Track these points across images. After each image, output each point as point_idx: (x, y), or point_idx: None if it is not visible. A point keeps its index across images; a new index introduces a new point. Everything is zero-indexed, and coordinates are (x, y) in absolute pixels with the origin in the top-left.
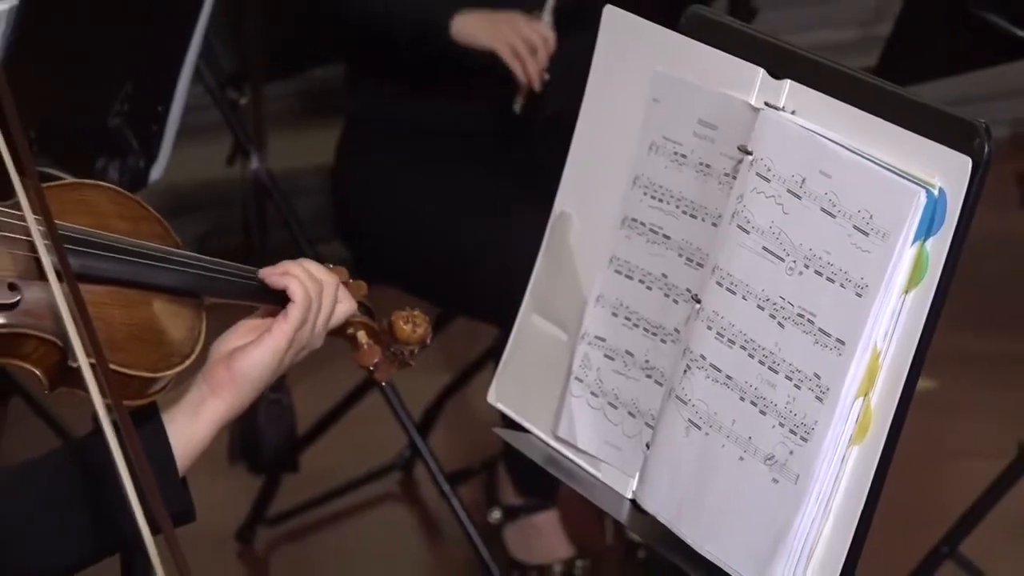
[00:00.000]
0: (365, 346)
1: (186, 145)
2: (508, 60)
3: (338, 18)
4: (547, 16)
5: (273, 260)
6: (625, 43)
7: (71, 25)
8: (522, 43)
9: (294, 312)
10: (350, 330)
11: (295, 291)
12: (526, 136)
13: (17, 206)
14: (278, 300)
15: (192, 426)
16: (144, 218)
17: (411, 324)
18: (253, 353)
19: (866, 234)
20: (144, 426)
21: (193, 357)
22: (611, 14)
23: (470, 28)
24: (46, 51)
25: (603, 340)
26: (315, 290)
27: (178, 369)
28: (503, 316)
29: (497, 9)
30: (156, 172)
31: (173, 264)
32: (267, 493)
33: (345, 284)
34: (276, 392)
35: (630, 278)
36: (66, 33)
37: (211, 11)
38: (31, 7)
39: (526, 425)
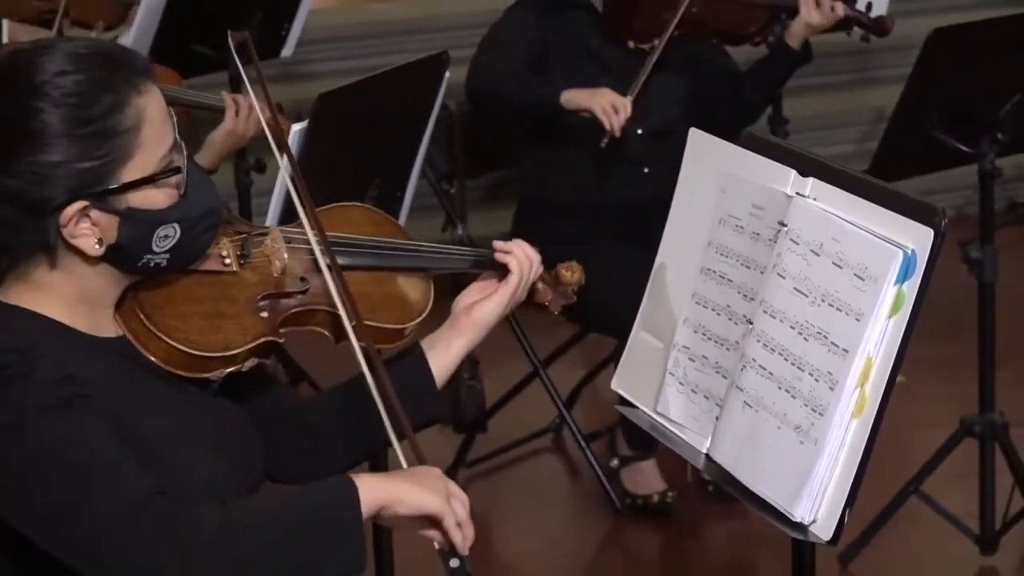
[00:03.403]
0: (541, 290)
1: (415, 218)
2: (599, 114)
3: (479, 94)
4: (630, 98)
5: None
6: (703, 153)
7: (341, 143)
8: (609, 105)
9: (512, 279)
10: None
11: (514, 265)
12: (636, 215)
13: (301, 226)
14: (495, 268)
15: (446, 355)
16: (384, 222)
17: (570, 271)
18: (486, 305)
19: (863, 279)
20: (410, 357)
21: (426, 312)
22: (695, 134)
23: (575, 97)
24: (324, 159)
25: (688, 348)
26: (527, 263)
27: (417, 321)
28: (621, 332)
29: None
30: None
31: (406, 252)
32: (466, 446)
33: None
34: (472, 380)
35: (706, 307)
36: (337, 146)
37: (432, 131)
38: (316, 130)
39: (636, 403)
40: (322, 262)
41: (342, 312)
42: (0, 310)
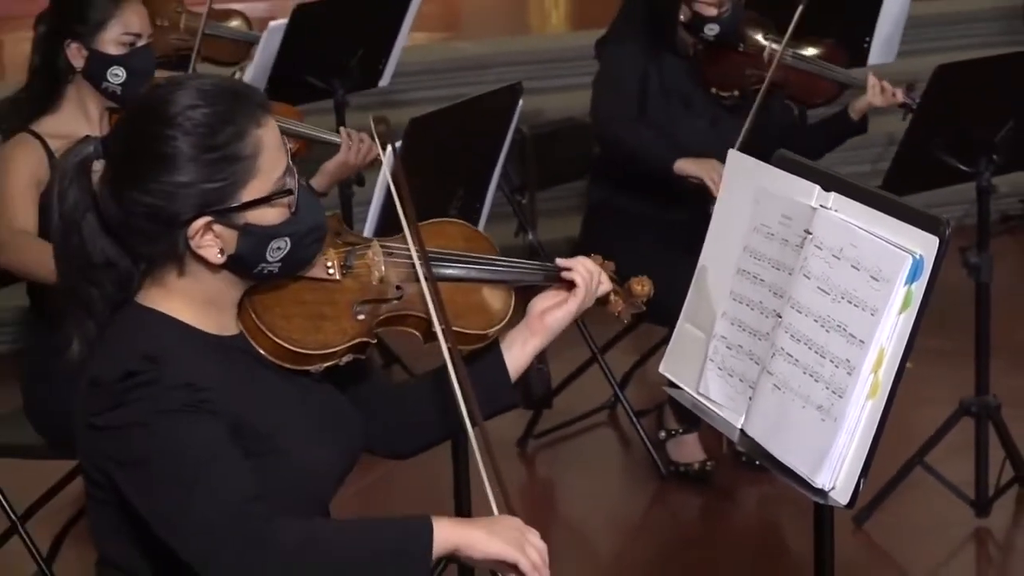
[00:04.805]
0: (613, 301)
1: (492, 225)
2: (709, 184)
3: (607, 142)
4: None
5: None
6: (740, 171)
7: (430, 160)
8: (718, 176)
9: (579, 292)
10: (607, 294)
11: (579, 280)
12: (688, 230)
13: (402, 239)
14: (561, 282)
15: (521, 353)
16: (476, 238)
17: (641, 285)
18: (557, 313)
19: (877, 280)
20: (489, 355)
21: (507, 320)
22: (734, 155)
23: (687, 167)
24: (415, 174)
25: (726, 338)
26: (590, 277)
27: (498, 328)
28: (670, 323)
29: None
30: None
31: (492, 266)
32: (534, 420)
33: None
34: (541, 363)
35: (741, 303)
36: (426, 163)
37: (507, 151)
38: (408, 149)
39: (681, 385)
40: (421, 274)
41: (434, 318)
42: (136, 312)
